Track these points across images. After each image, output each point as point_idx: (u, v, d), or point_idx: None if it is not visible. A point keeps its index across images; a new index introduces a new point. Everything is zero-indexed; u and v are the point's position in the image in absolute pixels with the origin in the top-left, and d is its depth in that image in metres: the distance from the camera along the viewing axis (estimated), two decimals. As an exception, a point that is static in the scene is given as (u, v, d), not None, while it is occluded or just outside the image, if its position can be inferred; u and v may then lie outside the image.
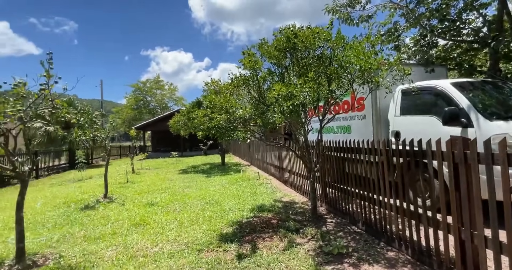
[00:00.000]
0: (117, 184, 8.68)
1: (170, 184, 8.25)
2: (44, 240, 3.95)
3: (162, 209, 5.39)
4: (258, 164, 11.16)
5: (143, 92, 37.80)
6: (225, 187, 7.41)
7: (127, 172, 9.52)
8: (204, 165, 13.65)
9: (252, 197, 5.99)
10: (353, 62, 2.90)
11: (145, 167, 13.63)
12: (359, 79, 2.93)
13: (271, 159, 8.96)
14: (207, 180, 8.84)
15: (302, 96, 2.99)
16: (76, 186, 8.98)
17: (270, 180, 8.15)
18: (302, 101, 3.01)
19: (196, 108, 11.16)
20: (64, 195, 7.31)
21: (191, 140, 22.69)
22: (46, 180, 11.35)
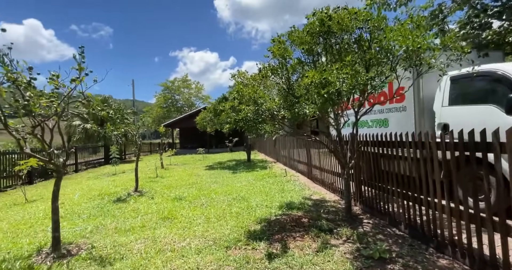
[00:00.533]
0: (147, 179, 8.94)
1: (197, 180, 8.30)
2: (79, 230, 4.08)
3: (189, 204, 5.37)
4: (285, 161, 10.89)
5: (171, 91, 39.11)
6: (251, 183, 7.27)
7: (156, 168, 9.79)
8: (230, 161, 13.67)
9: (279, 194, 5.77)
10: (398, 42, 2.54)
11: (173, 163, 13.99)
12: (405, 62, 2.56)
13: (298, 156, 8.66)
14: (233, 176, 8.78)
15: (339, 82, 2.69)
16: (110, 180, 9.40)
17: (297, 177, 7.86)
18: (338, 89, 2.72)
19: (222, 103, 11.16)
20: (99, 188, 7.66)
21: (217, 137, 22.99)
22: (84, 174, 12.09)
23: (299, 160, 8.55)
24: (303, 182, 7.16)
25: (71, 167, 12.43)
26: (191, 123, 22.67)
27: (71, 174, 11.99)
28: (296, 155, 8.95)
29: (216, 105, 11.22)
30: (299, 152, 8.59)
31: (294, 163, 9.32)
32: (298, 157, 8.73)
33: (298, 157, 8.73)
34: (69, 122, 15.78)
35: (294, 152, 9.21)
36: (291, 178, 7.68)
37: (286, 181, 7.31)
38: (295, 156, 9.10)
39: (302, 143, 8.17)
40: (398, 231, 3.46)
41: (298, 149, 8.59)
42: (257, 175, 8.65)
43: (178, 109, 38.67)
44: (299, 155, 8.54)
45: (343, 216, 4.07)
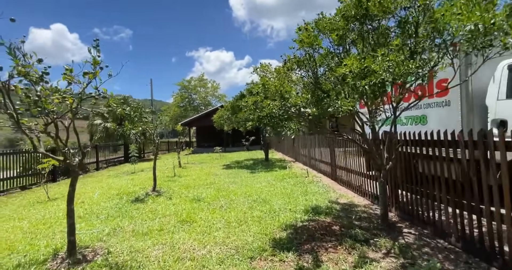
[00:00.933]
0: (165, 178, 8.84)
1: (215, 179, 8.08)
2: (96, 232, 3.93)
3: (208, 206, 5.13)
4: (304, 161, 10.46)
5: (188, 90, 39.55)
6: (271, 184, 6.94)
7: (174, 166, 9.70)
8: (247, 160, 13.41)
9: (303, 197, 5.39)
10: (460, 21, 2.09)
11: (190, 162, 13.94)
12: (469, 44, 2.12)
13: (320, 156, 8.21)
14: (251, 176, 8.49)
15: (385, 72, 2.29)
16: (129, 178, 9.41)
17: (320, 178, 7.43)
18: (382, 79, 2.32)
19: (240, 101, 10.88)
20: (118, 187, 7.63)
21: (234, 135, 22.85)
22: (105, 172, 12.28)
23: (321, 160, 8.10)
24: (326, 183, 6.73)
25: (92, 165, 12.68)
26: (208, 121, 22.66)
27: (92, 172, 12.22)
28: (318, 154, 8.51)
29: (233, 103, 10.98)
30: (321, 152, 8.15)
31: (315, 163, 8.89)
32: (320, 157, 8.28)
33: (320, 157, 8.28)
34: (91, 121, 16.17)
35: (316, 151, 8.77)
36: (313, 179, 7.27)
37: (308, 182, 6.91)
38: (317, 155, 8.66)
39: (325, 142, 7.73)
40: (448, 244, 3.00)
41: (321, 149, 8.15)
42: (276, 175, 8.30)
43: (194, 108, 39.04)
44: (321, 154, 8.10)
45: (378, 224, 3.64)
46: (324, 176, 7.73)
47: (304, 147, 10.55)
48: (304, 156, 10.58)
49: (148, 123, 6.68)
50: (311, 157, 9.54)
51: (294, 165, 10.84)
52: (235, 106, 10.73)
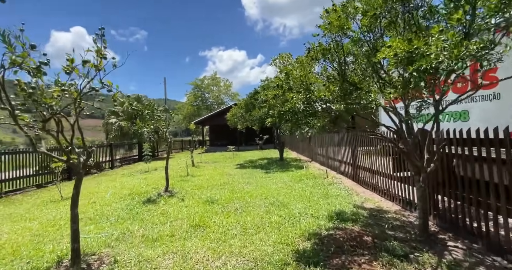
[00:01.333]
0: (178, 177, 8.64)
1: (229, 180, 7.77)
2: (105, 236, 3.70)
3: (222, 208, 4.81)
4: (322, 161, 9.98)
5: (201, 89, 39.63)
6: (288, 185, 6.54)
7: (187, 166, 9.48)
8: (262, 160, 13.05)
9: (324, 200, 4.97)
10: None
11: (203, 161, 13.74)
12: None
13: (340, 155, 7.72)
14: (267, 176, 8.11)
15: (439, 52, 1.85)
16: (142, 177, 9.29)
17: (340, 179, 6.96)
18: (437, 62, 1.88)
19: (253, 99, 10.52)
20: (130, 186, 7.48)
21: (247, 134, 22.55)
22: (119, 170, 12.29)
23: (341, 160, 7.61)
24: (348, 185, 6.26)
25: (107, 164, 12.73)
26: (221, 120, 22.48)
27: (107, 170, 12.25)
28: (337, 154, 8.02)
29: (247, 100, 10.64)
30: (341, 151, 7.66)
31: (334, 163, 8.40)
32: (339, 157, 7.79)
33: (339, 157, 7.79)
34: (106, 119, 16.31)
35: (335, 150, 8.27)
36: (333, 180, 6.81)
37: (328, 183, 6.46)
38: (336, 155, 8.17)
39: (345, 141, 7.24)
40: (507, 263, 2.51)
41: (341, 148, 7.65)
42: (293, 175, 7.89)
43: (207, 107, 39.08)
44: (341, 154, 7.60)
45: (416, 234, 3.17)
46: (344, 177, 7.24)
47: (321, 146, 10.06)
48: (321, 155, 10.09)
49: (160, 121, 6.45)
50: (329, 156, 9.05)
51: (310, 165, 10.37)
52: (249, 103, 10.38)
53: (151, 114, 6.38)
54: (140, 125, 6.08)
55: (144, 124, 6.24)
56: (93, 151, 3.09)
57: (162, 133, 7.33)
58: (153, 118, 6.38)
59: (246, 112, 10.71)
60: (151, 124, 6.23)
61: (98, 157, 12.12)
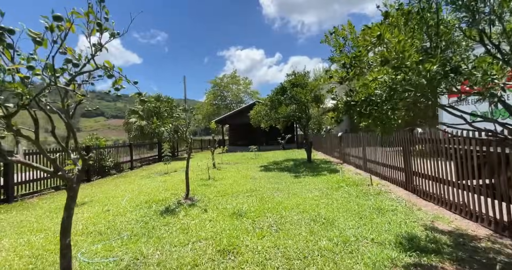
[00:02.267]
0: (198, 181, 7.93)
1: (255, 185, 6.92)
2: (112, 261, 2.97)
3: (253, 224, 3.96)
4: (357, 163, 8.86)
5: (220, 88, 39.24)
6: (326, 194, 5.57)
7: (208, 168, 8.76)
8: (287, 161, 12.10)
9: (380, 217, 3.97)
10: None
11: (224, 162, 13.03)
12: None
13: (385, 158, 6.61)
14: (297, 181, 7.17)
15: None
16: (161, 180, 8.70)
17: (388, 187, 5.87)
18: None
19: (280, 95, 9.61)
20: (148, 191, 6.86)
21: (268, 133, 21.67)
22: (138, 171, 11.88)
23: (387, 164, 6.50)
24: (401, 195, 5.18)
25: (127, 164, 12.37)
26: (241, 118, 21.78)
27: (126, 171, 11.88)
28: (380, 156, 6.91)
29: (273, 97, 9.74)
30: (386, 153, 6.54)
31: (375, 167, 7.28)
32: (384, 160, 6.68)
33: (384, 160, 6.68)
34: (127, 119, 16.11)
35: (376, 152, 7.16)
36: (379, 189, 5.74)
37: (375, 193, 5.42)
38: (378, 157, 7.06)
39: (394, 141, 6.13)
40: None
41: (386, 149, 6.54)
42: (328, 181, 6.89)
43: (226, 106, 38.64)
44: (387, 157, 6.49)
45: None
46: (392, 184, 6.14)
47: (357, 147, 8.93)
48: (356, 157, 8.97)
49: (180, 119, 5.73)
50: (368, 159, 7.93)
51: (343, 168, 9.28)
52: (274, 100, 9.47)
53: (169, 111, 5.67)
54: (157, 124, 5.39)
55: (163, 123, 5.55)
56: (110, 152, 2.32)
57: (182, 133, 6.63)
58: (172, 116, 5.68)
59: (271, 110, 9.82)
60: (169, 122, 5.53)
61: (117, 157, 11.77)
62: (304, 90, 8.89)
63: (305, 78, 9.33)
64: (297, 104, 9.33)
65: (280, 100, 9.32)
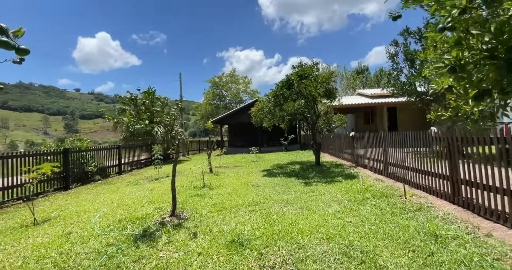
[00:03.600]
0: (191, 189, 6.72)
1: (259, 195, 5.72)
2: None
3: (259, 261, 2.77)
4: (375, 167, 7.66)
5: (219, 87, 37.98)
6: (351, 209, 4.37)
7: (203, 173, 7.54)
8: (292, 164, 10.88)
9: (441, 250, 2.77)
10: None
11: (223, 165, 11.82)
12: None
13: (417, 162, 5.40)
14: (309, 190, 5.97)
15: None
16: (149, 188, 7.49)
17: (427, 200, 4.67)
18: None
19: (286, 89, 8.40)
20: (129, 204, 5.66)
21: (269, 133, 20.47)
22: (127, 176, 10.65)
23: (419, 169, 5.30)
24: (450, 212, 3.98)
25: (114, 168, 11.13)
26: (241, 118, 20.58)
27: (113, 176, 10.66)
28: (409, 160, 5.71)
29: (277, 91, 8.51)
30: (417, 155, 5.34)
31: (402, 172, 6.08)
32: (415, 164, 5.47)
33: (415, 164, 5.47)
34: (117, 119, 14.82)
35: (405, 154, 5.95)
36: (419, 202, 4.54)
37: (414, 208, 4.21)
38: (406, 161, 5.86)
39: (426, 142, 4.93)
40: None
41: (415, 150, 5.33)
42: (347, 189, 5.68)
43: (225, 105, 37.39)
44: (417, 161, 5.29)
45: None
46: (430, 195, 4.93)
47: (375, 148, 7.73)
48: (375, 160, 7.77)
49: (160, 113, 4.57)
50: (390, 162, 6.74)
51: (359, 172, 8.08)
52: (279, 95, 8.26)
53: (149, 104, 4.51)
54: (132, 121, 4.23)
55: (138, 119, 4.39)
56: (95, 155, 1.11)
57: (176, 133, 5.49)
58: (163, 110, 4.53)
59: (275, 106, 8.62)
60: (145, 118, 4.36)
61: (103, 161, 10.55)
62: (314, 83, 7.69)
63: (313, 70, 8.13)
64: (305, 99, 8.14)
65: (285, 94, 8.11)
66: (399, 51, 10.75)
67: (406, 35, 10.62)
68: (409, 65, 10.56)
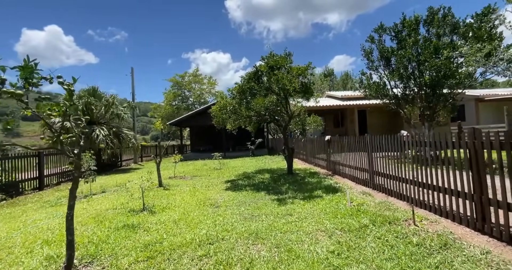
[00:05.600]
0: (123, 215, 4.84)
1: (216, 224, 4.09)
2: None
3: None
4: (357, 176, 6.53)
5: (181, 87, 35.32)
6: (348, 247, 2.99)
7: (142, 190, 5.61)
8: (260, 173, 9.41)
9: None
10: None
11: (179, 174, 9.91)
12: None
13: (416, 174, 4.26)
14: (285, 212, 4.51)
15: None
16: (61, 215, 5.39)
17: (443, 227, 3.49)
18: None
19: (253, 82, 6.92)
20: (15, 245, 3.63)
21: (235, 137, 18.86)
22: (49, 193, 8.20)
23: (428, 184, 4.15)
24: (488, 249, 2.80)
25: (31, 183, 8.53)
26: (204, 120, 18.62)
27: (29, 193, 8.11)
28: (405, 169, 4.57)
29: (243, 85, 6.95)
30: (416, 166, 4.21)
31: (396, 184, 4.94)
32: (417, 176, 4.34)
33: (417, 176, 4.34)
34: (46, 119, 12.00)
35: (398, 163, 4.82)
36: (438, 233, 3.33)
37: (438, 244, 2.97)
38: (402, 172, 4.73)
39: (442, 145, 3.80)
40: None
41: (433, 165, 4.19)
42: (334, 211, 4.34)
43: (188, 106, 34.83)
44: (423, 172, 4.16)
45: None
46: (445, 219, 3.76)
47: (356, 153, 6.60)
48: (356, 168, 6.65)
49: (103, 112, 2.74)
50: (377, 171, 5.62)
51: (339, 182, 6.89)
52: (246, 89, 6.73)
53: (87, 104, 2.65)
54: None
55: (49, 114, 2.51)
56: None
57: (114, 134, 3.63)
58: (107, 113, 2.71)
59: (241, 104, 7.08)
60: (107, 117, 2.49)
61: (14, 173, 7.98)
62: (289, 76, 6.34)
63: (287, 61, 6.80)
64: (277, 96, 6.75)
65: (254, 89, 6.62)
66: (374, 48, 10.01)
67: (381, 32, 9.93)
68: (384, 64, 9.87)
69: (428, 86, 8.75)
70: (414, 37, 8.34)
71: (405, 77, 8.65)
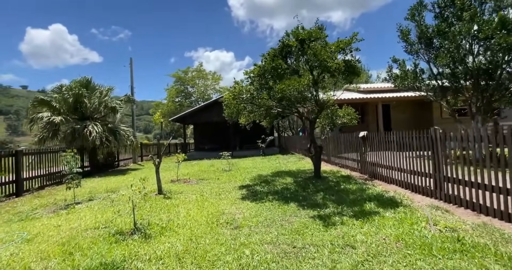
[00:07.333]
0: (106, 241, 3.40)
1: (242, 260, 2.63)
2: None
3: None
4: (406, 181, 5.03)
5: (184, 83, 33.87)
6: None
7: (133, 205, 4.14)
8: (280, 176, 7.93)
9: None
10: None
11: (182, 177, 8.47)
12: None
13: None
14: (339, 239, 3.04)
15: None
16: (37, 230, 3.98)
17: None
18: None
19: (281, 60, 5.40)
20: None
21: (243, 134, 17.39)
22: (26, 200, 6.81)
23: None
24: None
25: (5, 187, 7.11)
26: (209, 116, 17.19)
27: (1, 201, 6.72)
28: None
29: (267, 65, 5.34)
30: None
31: (496, 199, 3.44)
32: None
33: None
34: (32, 113, 10.70)
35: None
36: None
37: None
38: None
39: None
40: None
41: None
42: (422, 243, 2.86)
43: (192, 103, 33.40)
44: None
45: None
46: None
47: (412, 151, 5.10)
48: (412, 173, 5.15)
49: None
50: (449, 177, 4.12)
51: (387, 189, 5.39)
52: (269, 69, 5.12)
53: None
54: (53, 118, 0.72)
55: None
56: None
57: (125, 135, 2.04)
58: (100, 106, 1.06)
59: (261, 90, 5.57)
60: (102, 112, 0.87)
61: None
62: (327, 50, 4.85)
63: (322, 34, 5.29)
64: (318, 72, 5.11)
65: (282, 68, 5.06)
66: (412, 28, 8.46)
67: (421, 9, 8.37)
68: (425, 47, 8.31)
69: (484, 71, 7.20)
70: (472, 9, 6.78)
71: (458, 60, 7.10)
